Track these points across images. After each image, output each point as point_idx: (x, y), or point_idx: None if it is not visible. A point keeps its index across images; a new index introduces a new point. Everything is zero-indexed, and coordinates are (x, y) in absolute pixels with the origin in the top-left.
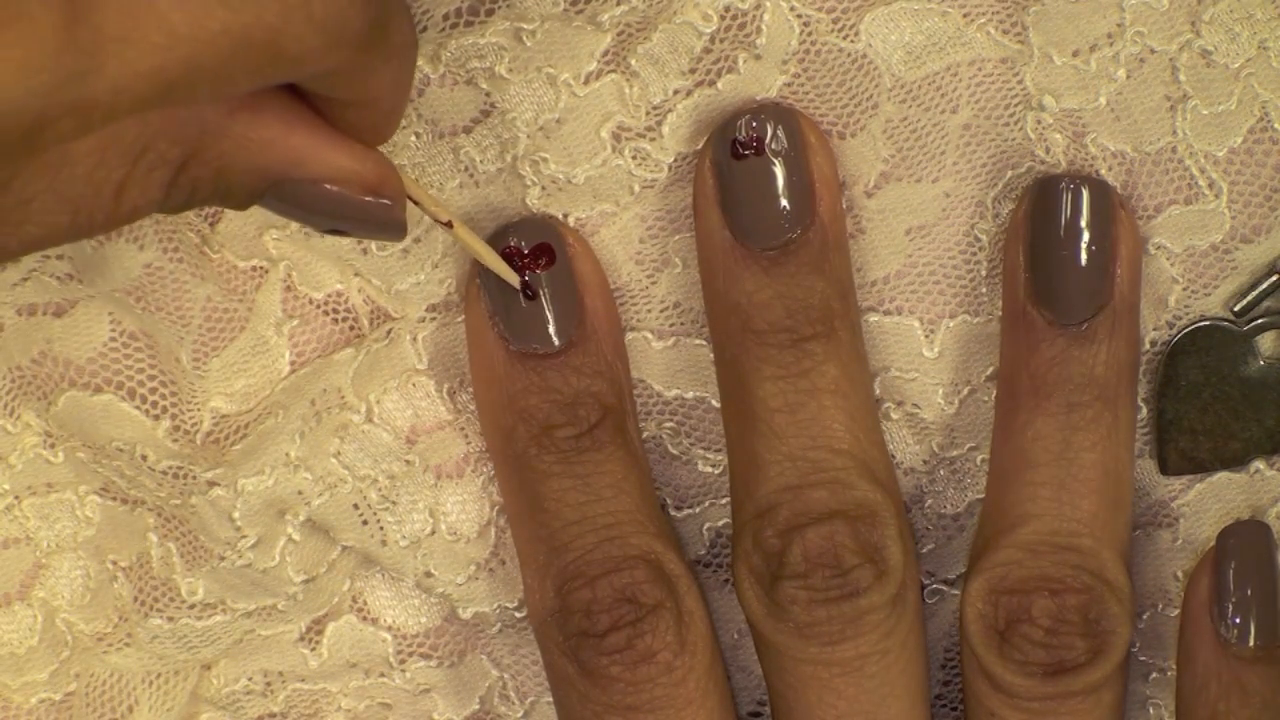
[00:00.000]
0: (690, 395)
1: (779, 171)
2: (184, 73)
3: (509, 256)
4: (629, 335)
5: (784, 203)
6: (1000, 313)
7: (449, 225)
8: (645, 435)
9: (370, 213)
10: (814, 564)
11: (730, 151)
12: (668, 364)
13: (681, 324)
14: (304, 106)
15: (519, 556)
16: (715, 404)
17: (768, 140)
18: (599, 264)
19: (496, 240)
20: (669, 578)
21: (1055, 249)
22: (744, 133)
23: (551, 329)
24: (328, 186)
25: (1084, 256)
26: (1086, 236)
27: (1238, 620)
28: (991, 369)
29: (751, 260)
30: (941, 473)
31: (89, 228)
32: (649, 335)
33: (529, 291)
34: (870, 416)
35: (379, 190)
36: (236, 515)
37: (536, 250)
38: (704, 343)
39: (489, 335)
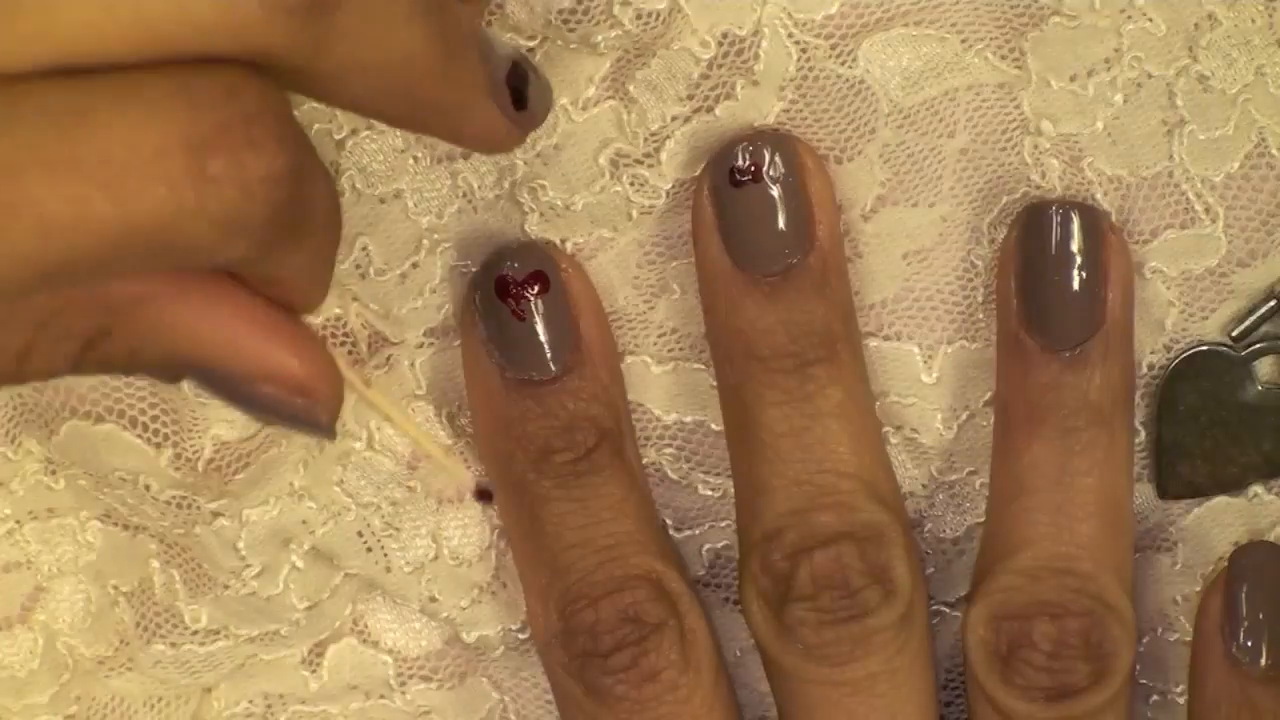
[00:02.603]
0: (690, 419)
1: (777, 197)
2: (59, 262)
3: (502, 283)
4: (627, 360)
5: (783, 228)
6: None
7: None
8: (645, 460)
9: (297, 415)
10: (822, 586)
11: (728, 179)
12: (666, 388)
13: (680, 349)
14: (234, 283)
15: (521, 580)
16: (715, 427)
17: (765, 167)
18: (593, 288)
19: (489, 266)
20: (671, 596)
21: (1045, 274)
22: (741, 160)
23: (547, 355)
24: (251, 385)
25: (1074, 281)
26: (1076, 261)
27: (1250, 641)
28: (989, 394)
29: (752, 286)
30: (941, 497)
31: None
32: (648, 360)
33: (486, 497)
34: (874, 438)
35: (309, 392)
36: (241, 545)
37: (530, 277)
38: (703, 367)
39: (484, 362)
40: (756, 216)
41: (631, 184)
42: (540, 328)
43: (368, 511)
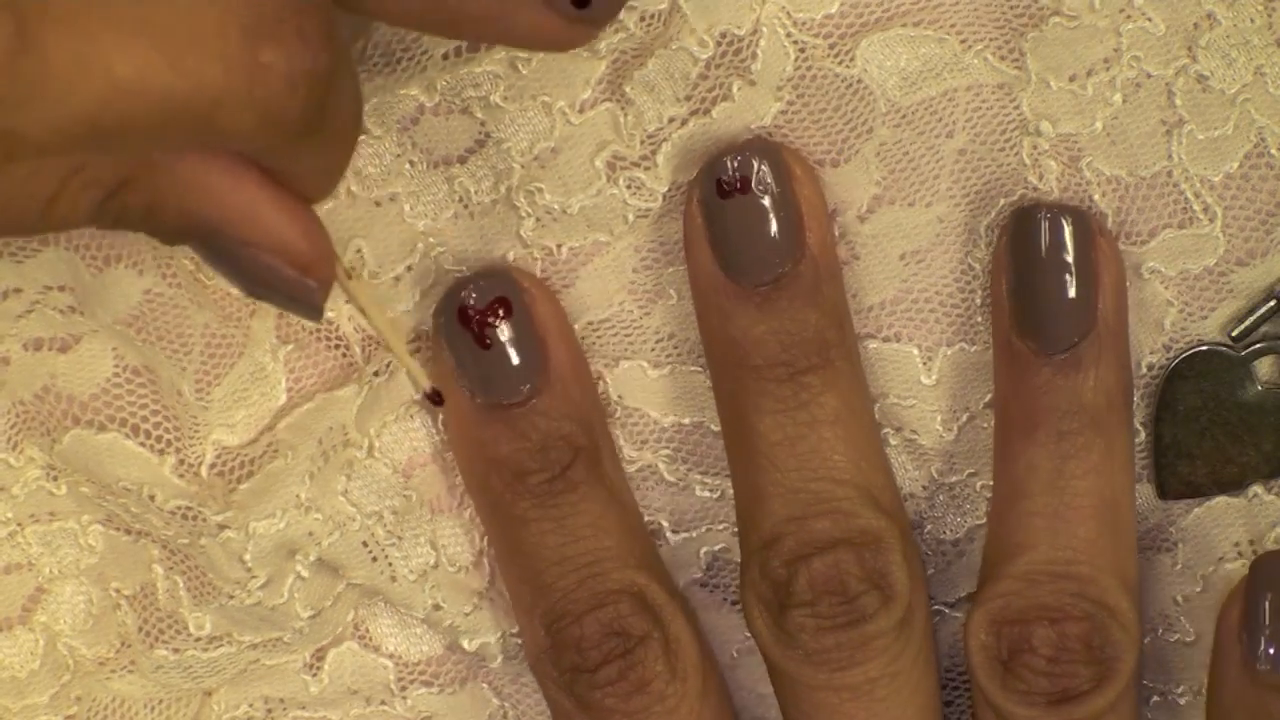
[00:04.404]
0: (688, 421)
1: (767, 207)
2: (116, 124)
3: (464, 313)
4: (623, 365)
5: (773, 238)
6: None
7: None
8: (641, 464)
9: (292, 291)
10: (820, 592)
11: (716, 190)
12: (664, 391)
13: (677, 354)
14: (250, 161)
15: (509, 596)
16: (713, 429)
17: (753, 177)
18: (559, 307)
19: (451, 295)
20: (653, 607)
21: (1035, 279)
22: (729, 171)
23: (515, 379)
24: (256, 253)
25: (1064, 285)
26: (1066, 265)
27: (1271, 649)
28: (989, 396)
29: (744, 297)
30: (941, 498)
31: (16, 230)
32: (644, 364)
33: (436, 399)
34: (872, 443)
35: (308, 270)
36: (248, 557)
37: (493, 304)
38: (700, 370)
39: (453, 388)
40: (746, 227)
41: (628, 187)
42: (507, 352)
43: (371, 521)
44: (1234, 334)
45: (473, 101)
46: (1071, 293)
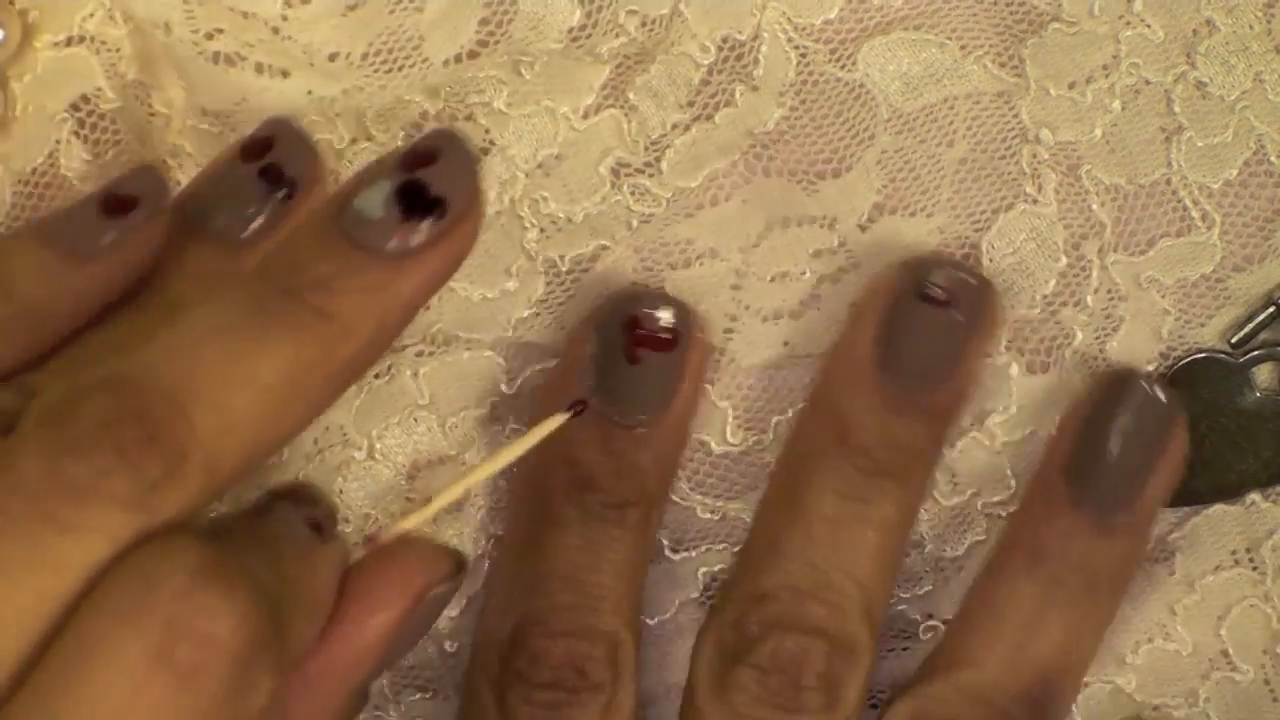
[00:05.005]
0: (691, 438)
1: (952, 326)
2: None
3: (633, 323)
4: None
5: (941, 357)
6: (994, 362)
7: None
8: None
9: (437, 606)
10: (777, 666)
11: (918, 291)
12: None
13: None
14: None
15: (493, 580)
16: (714, 448)
17: (956, 297)
18: (707, 361)
19: (629, 300)
20: (618, 666)
21: (1108, 441)
22: (938, 279)
23: (639, 406)
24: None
25: (1130, 460)
26: (1137, 442)
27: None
28: (992, 415)
29: (880, 389)
30: (942, 516)
31: None
32: None
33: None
34: (897, 561)
35: (420, 594)
36: None
37: (665, 332)
38: (708, 386)
39: (576, 380)
40: (928, 337)
41: (632, 193)
42: (648, 378)
43: (366, 524)
44: (1233, 341)
45: (476, 107)
46: (1133, 469)
